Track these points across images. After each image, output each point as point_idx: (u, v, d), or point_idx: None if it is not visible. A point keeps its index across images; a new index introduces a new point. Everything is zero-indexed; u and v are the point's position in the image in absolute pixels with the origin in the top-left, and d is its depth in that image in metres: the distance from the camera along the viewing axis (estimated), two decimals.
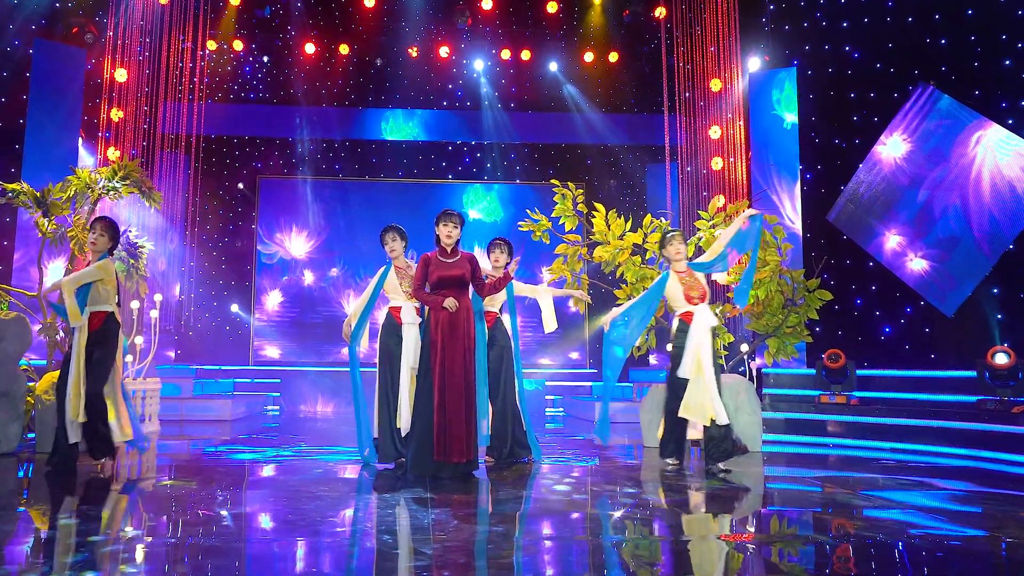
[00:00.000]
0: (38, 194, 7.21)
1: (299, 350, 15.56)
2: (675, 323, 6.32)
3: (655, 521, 4.35)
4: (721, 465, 6.07)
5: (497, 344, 6.59)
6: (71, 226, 7.55)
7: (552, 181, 8.79)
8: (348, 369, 6.53)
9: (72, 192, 7.40)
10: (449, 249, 5.80)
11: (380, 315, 6.41)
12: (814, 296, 8.39)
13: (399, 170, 15.95)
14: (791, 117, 12.27)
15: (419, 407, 5.64)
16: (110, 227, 5.90)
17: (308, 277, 15.81)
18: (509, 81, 15.58)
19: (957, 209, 10.50)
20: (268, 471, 6.07)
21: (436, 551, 3.39)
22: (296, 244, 15.85)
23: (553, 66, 15.27)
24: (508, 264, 6.88)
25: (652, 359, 14.73)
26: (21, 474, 5.77)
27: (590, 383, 14.59)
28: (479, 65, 15.36)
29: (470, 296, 5.86)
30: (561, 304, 12.49)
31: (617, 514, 4.44)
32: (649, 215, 8.67)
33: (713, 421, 5.98)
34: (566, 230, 8.65)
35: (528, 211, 8.62)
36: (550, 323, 7.24)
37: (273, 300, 15.70)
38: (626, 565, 3.40)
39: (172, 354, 14.55)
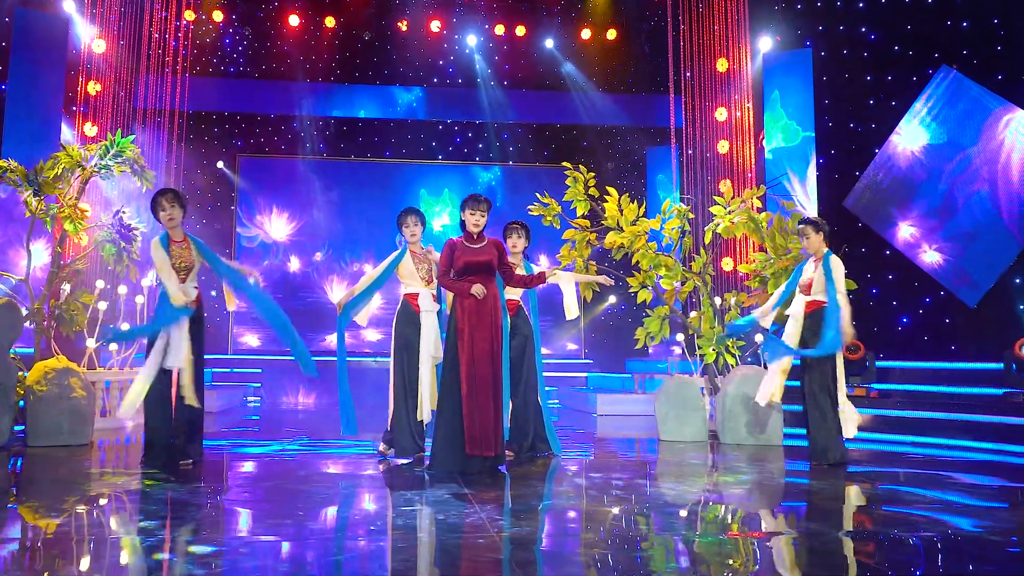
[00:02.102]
0: (29, 172, 6.74)
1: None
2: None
3: (690, 516, 4.29)
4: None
5: (520, 333, 6.41)
6: (60, 206, 7.07)
7: (564, 164, 8.46)
8: (335, 359, 6.23)
9: (60, 170, 6.95)
10: (475, 235, 5.51)
11: (375, 302, 6.15)
12: None
13: (387, 150, 15.39)
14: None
15: (445, 400, 5.37)
16: (178, 197, 5.88)
17: (291, 262, 15.25)
18: (503, 58, 15.05)
19: (983, 197, 10.24)
20: (279, 469, 5.76)
21: (503, 548, 3.31)
22: (277, 227, 15.26)
23: (549, 43, 14.80)
24: (527, 247, 6.66)
25: (650, 349, 14.41)
26: (10, 468, 5.55)
27: (586, 374, 14.26)
28: (472, 41, 14.84)
29: (496, 283, 5.58)
30: (558, 292, 12.16)
31: (657, 509, 4.37)
32: (668, 200, 8.38)
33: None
34: (578, 215, 8.32)
35: (538, 195, 8.28)
36: (572, 309, 7.14)
37: None
38: (694, 558, 3.40)
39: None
